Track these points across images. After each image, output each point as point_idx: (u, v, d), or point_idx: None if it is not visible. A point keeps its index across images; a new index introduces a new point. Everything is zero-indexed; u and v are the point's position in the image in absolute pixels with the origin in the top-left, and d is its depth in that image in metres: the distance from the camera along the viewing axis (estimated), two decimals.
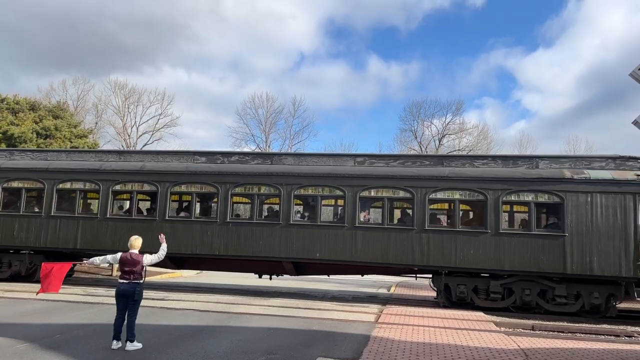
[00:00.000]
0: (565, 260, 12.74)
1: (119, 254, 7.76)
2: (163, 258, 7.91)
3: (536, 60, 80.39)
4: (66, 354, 7.22)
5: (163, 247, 7.92)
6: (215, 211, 14.72)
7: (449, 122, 50.28)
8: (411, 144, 50.17)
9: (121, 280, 7.60)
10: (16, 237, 15.56)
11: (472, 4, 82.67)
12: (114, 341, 7.50)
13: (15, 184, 16.04)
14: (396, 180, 13.97)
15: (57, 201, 15.66)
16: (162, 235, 8.25)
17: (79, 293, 13.75)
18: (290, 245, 14.19)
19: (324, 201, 14.85)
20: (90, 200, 16.26)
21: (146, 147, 46.52)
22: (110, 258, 7.93)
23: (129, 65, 74.21)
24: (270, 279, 16.28)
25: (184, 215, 15.33)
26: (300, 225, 14.29)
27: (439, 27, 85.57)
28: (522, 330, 10.82)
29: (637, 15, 75.41)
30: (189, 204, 15.25)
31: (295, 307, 12.35)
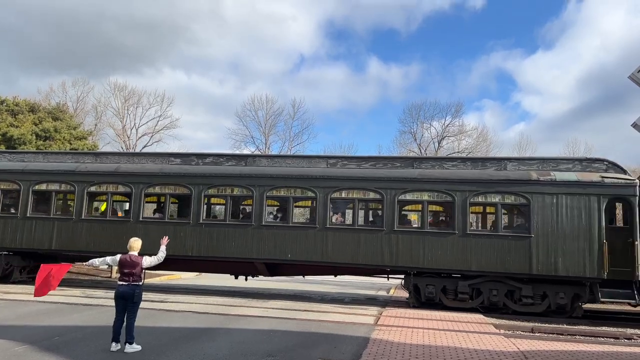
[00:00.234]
0: (531, 261, 12.89)
1: (119, 256, 7.72)
2: (162, 260, 7.90)
3: (536, 62, 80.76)
4: (65, 356, 7.19)
5: (162, 249, 7.91)
6: (189, 212, 14.84)
7: (448, 124, 50.68)
8: (410, 146, 50.50)
9: (120, 282, 7.58)
10: None
11: (472, 5, 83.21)
12: (113, 343, 7.46)
13: None
14: (366, 182, 14.12)
15: (33, 202, 15.77)
16: (164, 238, 8.20)
17: (78, 295, 13.67)
18: (262, 246, 14.31)
19: (296, 202, 15.01)
20: (66, 202, 16.35)
21: (146, 148, 46.63)
22: (109, 260, 7.88)
23: (129, 67, 74.48)
24: (245, 279, 16.41)
25: (157, 216, 15.46)
26: (272, 226, 14.42)
27: (438, 29, 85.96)
28: (522, 333, 10.81)
29: (637, 17, 75.67)
30: (163, 205, 15.37)
31: (294, 309, 12.32)
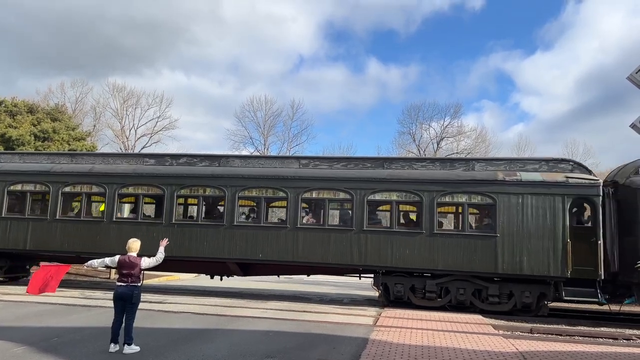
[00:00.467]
0: (497, 260, 13.05)
1: (117, 257, 7.73)
2: (161, 261, 7.95)
3: (535, 63, 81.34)
4: (64, 357, 7.16)
5: (161, 250, 7.96)
6: (161, 212, 14.95)
7: (447, 125, 51.08)
8: (409, 147, 50.87)
9: (119, 283, 7.59)
10: None
11: (471, 6, 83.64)
12: (112, 344, 7.44)
13: None
14: (336, 182, 14.27)
15: (7, 203, 15.85)
16: (163, 240, 8.24)
17: (76, 296, 13.61)
18: (234, 246, 14.42)
19: (268, 203, 15.13)
20: (41, 202, 16.43)
21: (144, 149, 46.79)
22: (108, 261, 7.88)
23: (128, 67, 74.66)
24: (220, 279, 16.49)
25: (131, 216, 15.57)
26: (244, 226, 14.55)
27: (438, 30, 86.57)
28: (520, 333, 10.84)
29: (636, 18, 76.28)
30: (136, 205, 15.48)
31: (293, 310, 12.33)
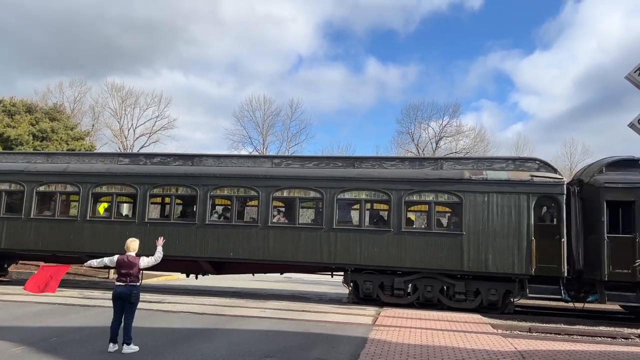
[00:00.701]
0: (463, 258, 13.23)
1: (116, 257, 7.73)
2: (160, 261, 8.02)
3: (533, 63, 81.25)
4: (63, 357, 7.15)
5: (159, 249, 7.98)
6: (134, 211, 15.07)
7: (446, 124, 51.00)
8: (408, 147, 50.86)
9: (118, 283, 7.59)
10: None
11: (470, 6, 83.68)
12: (111, 344, 7.44)
13: None
14: (307, 181, 14.41)
15: None
16: (160, 239, 8.27)
17: (75, 296, 13.63)
18: (205, 245, 14.56)
19: (240, 202, 15.26)
20: (15, 201, 16.52)
21: (143, 149, 46.78)
22: (107, 260, 7.90)
23: (127, 67, 74.51)
24: (196, 278, 16.62)
25: (104, 215, 15.68)
26: (216, 225, 14.68)
27: (437, 30, 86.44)
28: (519, 333, 10.91)
29: (634, 18, 76.56)
30: (110, 204, 15.60)
31: (292, 310, 12.34)
